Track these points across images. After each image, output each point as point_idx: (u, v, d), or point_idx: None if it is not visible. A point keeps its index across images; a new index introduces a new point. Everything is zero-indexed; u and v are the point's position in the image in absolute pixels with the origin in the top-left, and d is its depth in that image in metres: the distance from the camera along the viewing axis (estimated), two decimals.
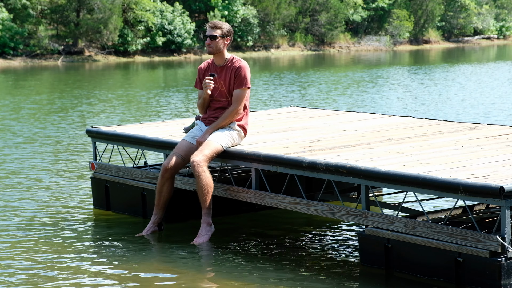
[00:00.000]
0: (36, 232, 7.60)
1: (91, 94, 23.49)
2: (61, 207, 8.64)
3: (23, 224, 7.94)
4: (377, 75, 30.42)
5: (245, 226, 7.89)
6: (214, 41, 7.30)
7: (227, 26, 7.39)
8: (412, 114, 16.67)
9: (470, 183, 5.59)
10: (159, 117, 17.06)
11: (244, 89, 7.28)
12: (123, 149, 8.86)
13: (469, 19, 61.72)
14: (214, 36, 7.30)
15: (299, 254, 6.84)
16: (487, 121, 14.60)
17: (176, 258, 6.72)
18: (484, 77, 28.26)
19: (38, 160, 11.74)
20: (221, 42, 7.33)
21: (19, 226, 7.85)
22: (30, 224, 7.92)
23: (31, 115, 18.04)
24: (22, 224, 7.94)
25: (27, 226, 7.86)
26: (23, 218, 8.17)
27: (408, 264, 6.01)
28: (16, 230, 7.72)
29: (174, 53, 44.67)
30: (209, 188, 7.05)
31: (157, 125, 8.93)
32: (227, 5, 46.98)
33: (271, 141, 7.55)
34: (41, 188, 9.66)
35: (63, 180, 10.11)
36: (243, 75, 7.28)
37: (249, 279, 6.15)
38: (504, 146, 6.92)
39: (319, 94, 22.62)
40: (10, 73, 33.73)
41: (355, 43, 54.20)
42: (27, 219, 8.12)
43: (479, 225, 6.07)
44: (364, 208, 6.29)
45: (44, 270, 6.42)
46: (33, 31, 41.08)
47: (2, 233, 7.60)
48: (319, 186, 7.90)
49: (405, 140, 7.37)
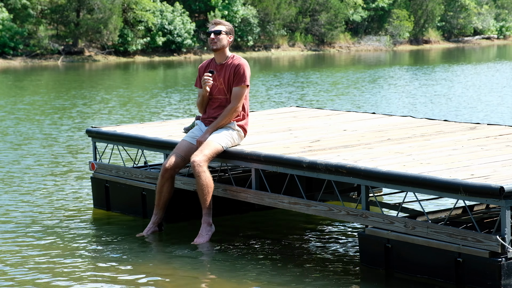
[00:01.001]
0: (36, 232, 7.60)
1: (91, 94, 23.49)
2: (61, 207, 8.64)
3: (23, 224, 7.94)
4: (377, 75, 30.41)
5: (245, 226, 7.89)
6: (218, 36, 7.30)
7: (230, 24, 7.42)
8: (412, 114, 16.67)
9: (470, 183, 5.59)
10: (159, 117, 17.05)
11: (243, 86, 7.28)
12: (123, 149, 8.86)
13: (469, 19, 61.71)
14: (219, 31, 7.30)
15: (299, 254, 6.84)
16: (487, 121, 14.60)
17: (176, 258, 6.72)
18: (484, 77, 28.26)
19: (38, 160, 11.73)
20: (225, 38, 7.33)
21: (19, 226, 7.85)
22: (30, 224, 7.92)
23: (30, 115, 18.03)
24: (22, 224, 7.94)
25: (27, 226, 7.86)
26: (23, 218, 8.17)
27: (408, 264, 6.01)
28: (16, 230, 7.71)
29: (174, 53, 44.66)
30: (209, 188, 7.05)
31: (157, 125, 8.93)
32: (227, 5, 46.97)
33: (271, 141, 7.55)
34: (41, 188, 9.66)
35: (63, 180, 10.11)
36: (243, 72, 7.28)
37: (249, 279, 6.15)
38: (504, 146, 6.92)
39: (319, 94, 22.62)
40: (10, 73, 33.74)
41: (355, 43, 54.20)
42: (27, 219, 8.12)
43: (479, 225, 6.07)
44: (364, 208, 6.29)
45: (44, 270, 6.42)
46: (33, 31, 41.08)
47: (2, 233, 7.59)
48: (319, 186, 7.90)
49: (405, 140, 7.37)
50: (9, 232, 7.66)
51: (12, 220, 8.10)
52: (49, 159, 11.78)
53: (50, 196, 9.17)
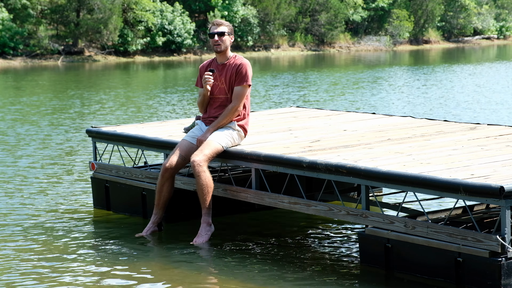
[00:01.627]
0: (36, 232, 7.60)
1: (91, 94, 23.49)
2: (61, 207, 8.64)
3: (23, 224, 7.94)
4: (377, 75, 30.42)
5: (245, 226, 7.89)
6: (222, 37, 7.31)
7: (230, 24, 7.44)
8: (412, 114, 16.68)
9: (470, 183, 5.59)
10: (159, 117, 17.05)
11: (245, 86, 7.28)
12: (123, 149, 8.86)
13: (469, 19, 61.71)
14: (223, 33, 7.31)
15: (299, 254, 6.84)
16: (487, 121, 14.60)
17: (176, 258, 6.72)
18: (484, 77, 28.26)
19: (38, 160, 11.73)
20: (228, 39, 7.34)
21: (19, 226, 7.85)
22: (30, 224, 7.92)
23: (30, 115, 18.03)
24: (22, 224, 7.94)
25: (27, 226, 7.86)
26: (23, 218, 8.17)
27: (408, 264, 6.01)
28: (16, 230, 7.71)
29: (174, 53, 44.66)
30: (209, 188, 7.05)
31: (157, 125, 8.93)
32: (227, 5, 46.98)
33: (271, 141, 7.55)
34: (41, 188, 9.66)
35: (63, 180, 10.11)
36: (245, 72, 7.28)
37: (249, 279, 6.15)
38: (504, 146, 6.92)
39: (319, 94, 22.62)
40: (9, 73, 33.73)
41: (355, 43, 54.20)
42: (27, 219, 8.12)
43: (479, 225, 6.07)
44: (364, 208, 6.29)
45: (44, 270, 6.42)
46: (33, 31, 41.09)
47: (2, 233, 7.59)
48: (319, 186, 7.90)
49: (405, 140, 7.37)
50: (8, 232, 7.66)
51: (12, 220, 8.10)
52: (49, 159, 11.78)
53: (50, 196, 9.17)
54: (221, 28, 7.32)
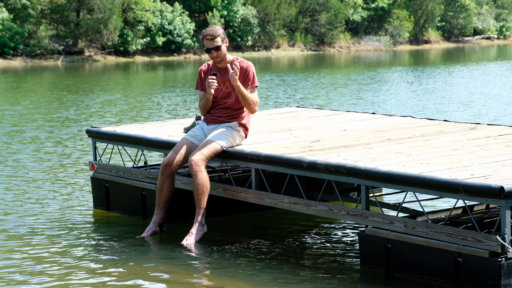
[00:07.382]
0: (36, 232, 7.60)
1: (91, 94, 23.49)
2: (61, 207, 8.64)
3: (23, 224, 7.94)
4: (377, 75, 30.42)
5: (245, 226, 7.89)
6: (220, 51, 7.31)
7: (220, 28, 7.38)
8: (412, 114, 16.68)
9: (470, 183, 5.59)
10: (159, 117, 17.05)
11: (254, 88, 7.32)
12: (123, 149, 8.86)
13: (469, 19, 61.72)
14: (219, 47, 7.30)
15: (299, 254, 6.84)
16: (487, 121, 14.60)
17: (176, 258, 6.72)
18: (484, 77, 28.26)
19: (38, 160, 11.73)
20: (224, 48, 7.34)
21: (19, 226, 7.85)
22: (30, 224, 7.92)
23: (30, 115, 18.03)
24: (22, 224, 7.94)
25: (27, 226, 7.86)
26: (23, 218, 8.17)
27: (408, 264, 6.01)
28: (16, 230, 7.71)
29: (174, 53, 44.67)
30: (204, 188, 7.04)
31: (157, 125, 8.93)
32: (227, 5, 46.98)
33: (271, 141, 7.55)
34: (41, 188, 9.66)
35: (63, 180, 10.11)
36: (252, 76, 7.33)
37: (249, 279, 6.15)
38: (504, 146, 6.92)
39: (319, 94, 22.62)
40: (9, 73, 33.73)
41: (355, 43, 54.21)
42: (27, 219, 8.12)
43: (479, 225, 6.07)
44: (364, 208, 6.29)
45: (44, 269, 6.42)
46: (33, 31, 41.10)
47: (2, 233, 7.59)
48: (319, 186, 7.90)
49: (405, 140, 7.37)
50: (8, 232, 7.66)
51: (12, 220, 8.10)
52: (49, 159, 11.78)
53: (50, 196, 9.17)
54: (216, 41, 7.28)
